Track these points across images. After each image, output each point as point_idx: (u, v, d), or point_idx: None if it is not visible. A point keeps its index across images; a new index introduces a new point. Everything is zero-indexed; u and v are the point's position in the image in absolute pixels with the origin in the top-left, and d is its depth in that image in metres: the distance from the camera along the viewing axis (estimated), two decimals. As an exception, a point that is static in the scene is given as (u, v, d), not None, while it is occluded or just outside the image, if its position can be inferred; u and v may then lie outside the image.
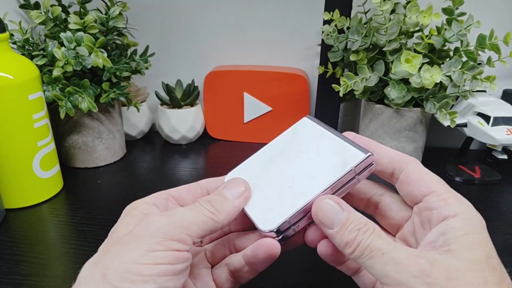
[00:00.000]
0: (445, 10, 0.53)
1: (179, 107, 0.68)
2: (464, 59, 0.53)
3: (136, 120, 0.70)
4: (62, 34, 0.52)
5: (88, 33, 0.53)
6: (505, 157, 0.62)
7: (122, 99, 0.60)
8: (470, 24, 0.52)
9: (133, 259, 0.23)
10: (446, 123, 0.54)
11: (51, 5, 0.54)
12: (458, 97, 0.56)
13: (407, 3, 0.52)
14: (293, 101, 0.68)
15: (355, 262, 0.25)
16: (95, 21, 0.55)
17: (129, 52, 0.63)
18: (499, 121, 0.54)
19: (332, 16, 0.57)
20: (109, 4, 0.58)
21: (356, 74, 0.56)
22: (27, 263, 0.40)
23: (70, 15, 0.54)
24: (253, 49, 0.71)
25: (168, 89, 0.68)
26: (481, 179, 0.58)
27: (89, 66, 0.52)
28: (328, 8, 0.58)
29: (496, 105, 0.56)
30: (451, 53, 0.55)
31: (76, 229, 0.46)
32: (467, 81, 0.53)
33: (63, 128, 0.58)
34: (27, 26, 0.57)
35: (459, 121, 0.56)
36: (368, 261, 0.23)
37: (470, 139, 0.60)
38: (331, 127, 0.32)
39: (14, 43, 0.55)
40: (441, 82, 0.53)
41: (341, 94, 0.56)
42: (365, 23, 0.58)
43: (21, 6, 0.58)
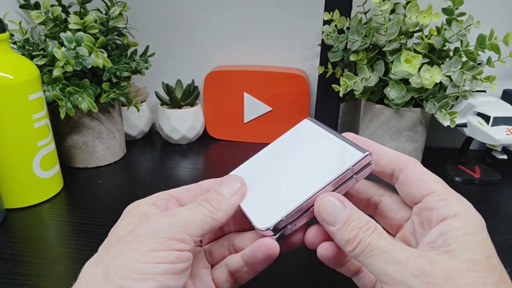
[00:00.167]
0: (445, 10, 0.53)
1: (179, 107, 0.68)
2: (464, 59, 0.53)
3: (136, 120, 0.70)
4: (62, 34, 0.52)
5: (88, 33, 0.53)
6: (505, 157, 0.62)
7: (122, 99, 0.60)
8: (470, 24, 0.52)
9: (134, 258, 0.23)
10: (446, 123, 0.54)
11: (51, 5, 0.54)
12: (458, 97, 0.56)
13: (407, 3, 0.52)
14: (293, 101, 0.68)
15: (355, 260, 0.25)
16: (95, 21, 0.55)
17: (129, 52, 0.63)
18: (499, 121, 0.54)
19: (332, 16, 0.57)
20: (109, 4, 0.58)
21: (356, 74, 0.56)
22: (27, 263, 0.40)
23: (70, 15, 0.54)
24: (253, 49, 0.71)
25: (168, 89, 0.68)
26: (481, 179, 0.58)
27: (89, 66, 0.52)
28: (328, 8, 0.58)
29: (496, 105, 0.56)
30: (451, 53, 0.55)
31: (76, 229, 0.46)
32: (467, 81, 0.53)
33: (63, 128, 0.58)
34: (27, 26, 0.57)
35: (459, 121, 0.56)
36: (368, 259, 0.23)
37: (470, 139, 0.60)
38: (331, 127, 0.32)
39: (14, 43, 0.55)
40: (441, 82, 0.53)
41: (341, 94, 0.56)
42: (365, 23, 0.58)
43: (21, 6, 0.58)
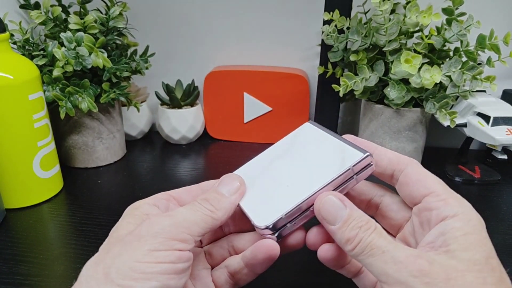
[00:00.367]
0: (445, 10, 0.53)
1: (179, 107, 0.68)
2: (464, 59, 0.53)
3: (136, 120, 0.70)
4: (62, 34, 0.52)
5: (88, 33, 0.53)
6: (505, 157, 0.62)
7: (122, 99, 0.60)
8: (470, 24, 0.52)
9: (135, 258, 0.23)
10: (446, 123, 0.54)
11: (51, 5, 0.54)
12: (458, 97, 0.56)
13: (407, 3, 0.52)
14: (293, 101, 0.68)
15: (355, 260, 0.25)
16: (95, 21, 0.55)
17: (129, 52, 0.63)
18: (499, 121, 0.54)
19: (332, 16, 0.57)
20: (109, 4, 0.58)
21: (356, 74, 0.56)
22: (27, 263, 0.40)
23: (70, 15, 0.54)
24: (253, 49, 0.71)
25: (168, 89, 0.68)
26: (481, 179, 0.58)
27: (89, 66, 0.52)
28: (328, 8, 0.58)
29: (496, 105, 0.56)
30: (451, 53, 0.55)
31: (76, 229, 0.46)
32: (467, 81, 0.53)
33: (63, 128, 0.58)
34: (27, 26, 0.57)
35: (459, 121, 0.56)
36: (368, 259, 0.23)
37: (470, 139, 0.60)
38: (331, 127, 0.32)
39: (14, 43, 0.55)
40: (441, 82, 0.53)
41: (341, 94, 0.56)
42: (365, 23, 0.58)
43: (21, 6, 0.58)
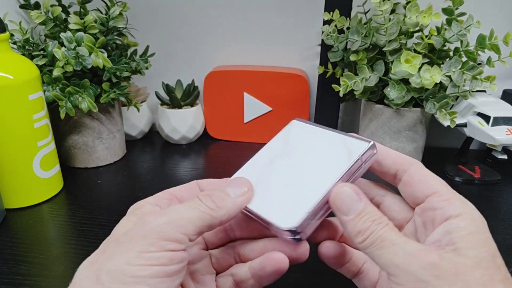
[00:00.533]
0: (445, 10, 0.53)
1: (179, 107, 0.68)
2: (464, 59, 0.53)
3: (136, 120, 0.70)
4: (62, 34, 0.52)
5: (88, 33, 0.53)
6: (505, 157, 0.62)
7: (122, 99, 0.60)
8: (470, 24, 0.52)
9: (126, 261, 0.23)
10: (446, 123, 0.54)
11: (51, 5, 0.54)
12: (458, 97, 0.56)
13: (407, 3, 0.52)
14: (293, 101, 0.68)
15: (363, 252, 0.25)
16: (95, 21, 0.55)
17: (129, 52, 0.63)
18: (499, 121, 0.54)
19: (332, 16, 0.57)
20: (109, 4, 0.58)
21: (356, 74, 0.56)
22: (27, 263, 0.40)
23: (70, 15, 0.54)
24: (253, 49, 0.71)
25: (168, 89, 0.68)
26: (481, 179, 0.58)
27: (89, 66, 0.52)
28: (328, 8, 0.58)
29: (496, 105, 0.56)
30: (451, 53, 0.55)
31: (76, 229, 0.46)
32: (467, 81, 0.53)
33: (63, 128, 0.58)
34: (27, 26, 0.57)
35: (459, 121, 0.56)
36: (377, 251, 0.24)
37: (470, 139, 0.60)
38: (332, 127, 0.32)
39: (14, 43, 0.55)
40: (441, 82, 0.53)
41: (341, 94, 0.56)
42: (365, 23, 0.58)
43: (21, 6, 0.58)
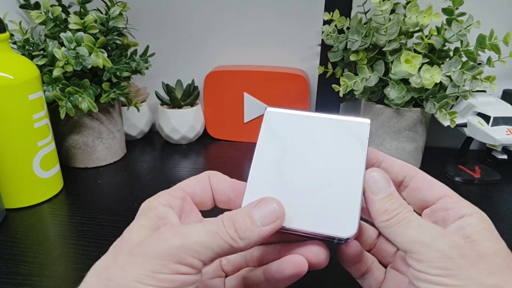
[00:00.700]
0: (445, 10, 0.53)
1: (179, 107, 0.68)
2: (464, 59, 0.53)
3: (136, 120, 0.70)
4: (62, 34, 0.52)
5: (88, 33, 0.53)
6: (505, 157, 0.62)
7: (122, 99, 0.60)
8: (470, 24, 0.52)
9: (136, 277, 0.22)
10: (446, 123, 0.54)
11: (51, 5, 0.54)
12: (458, 97, 0.56)
13: (407, 3, 0.52)
14: (293, 101, 0.68)
15: (384, 231, 0.26)
16: (95, 21, 0.55)
17: (129, 52, 0.63)
18: (499, 121, 0.54)
19: (332, 16, 0.57)
20: (109, 4, 0.58)
21: (356, 74, 0.56)
22: (27, 263, 0.40)
23: (70, 15, 0.54)
24: (253, 49, 0.71)
25: (168, 89, 0.68)
26: (481, 179, 0.58)
27: (89, 66, 0.52)
28: (328, 8, 0.58)
29: (496, 105, 0.56)
30: (451, 53, 0.55)
31: (76, 229, 0.46)
32: (467, 81, 0.53)
33: (63, 128, 0.58)
34: (27, 26, 0.57)
35: (459, 121, 0.56)
36: (404, 229, 0.25)
37: (470, 139, 0.60)
38: None
39: (14, 43, 0.55)
40: (441, 82, 0.53)
41: (341, 94, 0.56)
42: (365, 23, 0.58)
43: (21, 6, 0.58)
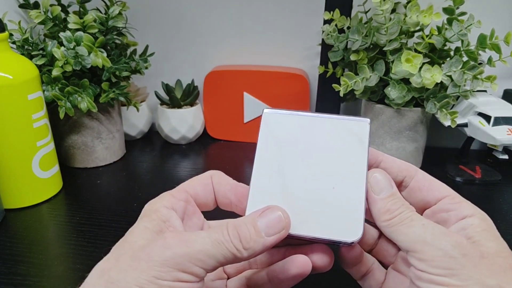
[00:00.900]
0: (446, 10, 0.53)
1: (179, 107, 0.68)
2: (465, 59, 0.53)
3: (136, 120, 0.70)
4: (61, 34, 0.52)
5: (88, 33, 0.53)
6: (506, 157, 0.62)
7: (121, 99, 0.60)
8: (471, 24, 0.52)
9: (139, 282, 0.22)
10: (447, 123, 0.54)
11: (51, 5, 0.54)
12: (458, 97, 0.56)
13: (408, 3, 0.52)
14: (293, 101, 0.68)
15: (385, 230, 0.26)
16: (95, 21, 0.55)
17: (128, 52, 0.63)
18: (500, 121, 0.54)
19: (333, 15, 0.57)
20: (108, 3, 0.58)
21: (357, 74, 0.55)
22: (26, 263, 0.40)
23: (69, 15, 0.54)
24: (253, 49, 0.71)
25: (167, 89, 0.68)
26: (481, 179, 0.58)
27: (88, 66, 0.52)
28: (329, 7, 0.58)
29: (497, 105, 0.56)
30: (452, 53, 0.55)
31: (75, 229, 0.45)
32: (468, 81, 0.53)
33: (62, 128, 0.58)
34: (27, 26, 0.57)
35: (459, 121, 0.56)
36: (406, 228, 0.25)
37: (470, 139, 0.60)
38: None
39: (14, 42, 0.55)
40: (441, 82, 0.52)
41: (341, 94, 0.56)
42: (365, 23, 0.58)
43: (21, 6, 0.58)
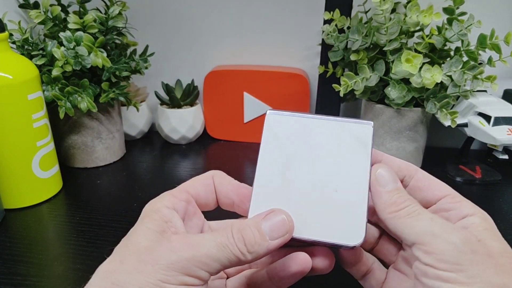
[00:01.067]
0: (446, 10, 0.53)
1: (179, 107, 0.68)
2: (465, 58, 0.53)
3: (136, 120, 0.70)
4: (61, 34, 0.51)
5: (88, 33, 0.53)
6: (506, 157, 0.62)
7: (121, 99, 0.60)
8: (471, 24, 0.52)
9: (144, 285, 0.22)
10: (447, 123, 0.54)
11: (51, 5, 0.54)
12: (458, 97, 0.56)
13: (408, 3, 0.52)
14: (293, 101, 0.68)
15: (389, 222, 0.25)
16: (95, 21, 0.55)
17: (128, 52, 0.63)
18: (500, 121, 0.54)
19: (333, 15, 0.57)
20: (108, 3, 0.58)
21: (357, 74, 0.55)
22: (26, 263, 0.40)
23: (69, 15, 0.54)
24: (253, 49, 0.71)
25: (167, 89, 0.68)
26: (481, 179, 0.58)
27: (88, 66, 0.52)
28: (329, 7, 0.58)
29: (497, 105, 0.56)
30: (452, 53, 0.55)
31: (75, 230, 0.45)
32: (468, 81, 0.53)
33: (62, 128, 0.58)
34: (27, 26, 0.57)
35: (459, 121, 0.56)
36: (414, 221, 0.24)
37: (470, 139, 0.60)
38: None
39: (14, 42, 0.55)
40: (441, 82, 0.52)
41: (341, 94, 0.56)
42: (365, 23, 0.58)
43: (21, 6, 0.58)
